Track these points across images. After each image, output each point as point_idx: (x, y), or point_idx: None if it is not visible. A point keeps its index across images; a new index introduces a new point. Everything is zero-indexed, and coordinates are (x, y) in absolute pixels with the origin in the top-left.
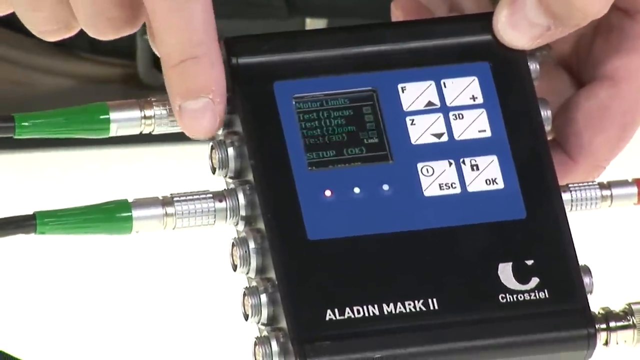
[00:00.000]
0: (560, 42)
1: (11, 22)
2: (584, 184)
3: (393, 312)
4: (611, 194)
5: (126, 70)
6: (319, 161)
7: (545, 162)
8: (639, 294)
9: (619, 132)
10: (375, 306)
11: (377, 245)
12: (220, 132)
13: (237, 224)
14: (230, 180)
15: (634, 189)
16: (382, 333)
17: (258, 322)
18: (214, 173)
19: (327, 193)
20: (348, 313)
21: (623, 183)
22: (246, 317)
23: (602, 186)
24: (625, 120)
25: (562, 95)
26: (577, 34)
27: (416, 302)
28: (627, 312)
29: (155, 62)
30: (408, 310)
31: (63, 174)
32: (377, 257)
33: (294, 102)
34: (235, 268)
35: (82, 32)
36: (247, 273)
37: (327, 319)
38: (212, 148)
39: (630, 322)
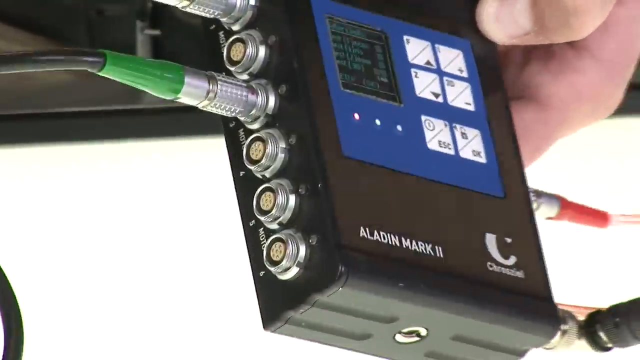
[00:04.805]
0: None
1: (13, 18)
2: None
3: (409, 248)
4: (537, 203)
5: None
6: (349, 84)
7: (515, 149)
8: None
9: (531, 153)
10: (396, 236)
11: (395, 181)
12: (238, 26)
13: (255, 120)
14: (246, 77)
15: (558, 204)
16: (402, 264)
17: (275, 220)
18: (230, 65)
19: (356, 116)
20: (376, 236)
21: (550, 196)
22: (263, 213)
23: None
24: (540, 145)
25: None
26: (506, 47)
27: (427, 244)
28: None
29: (155, 57)
30: (421, 250)
31: (67, 168)
32: (395, 192)
33: (327, 21)
34: (254, 162)
35: (82, 27)
36: (268, 170)
37: (360, 235)
38: (238, 40)
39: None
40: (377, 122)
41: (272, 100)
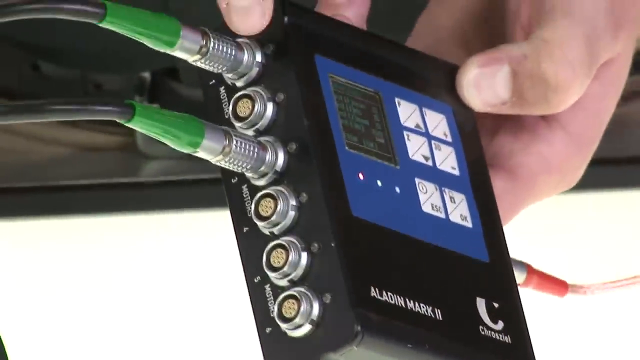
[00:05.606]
0: None
1: (12, 93)
2: None
3: (413, 309)
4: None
5: (124, 139)
6: (352, 144)
7: (496, 215)
8: None
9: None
10: (401, 298)
11: (397, 242)
12: (243, 82)
13: (263, 177)
14: (252, 133)
15: (525, 271)
16: (409, 325)
17: (285, 277)
18: (237, 121)
19: (361, 176)
20: (384, 296)
21: (517, 263)
22: (273, 270)
23: None
24: (508, 212)
25: None
26: (478, 114)
27: (428, 307)
28: None
29: None
30: (423, 312)
31: (66, 241)
32: (397, 253)
33: (330, 80)
34: (264, 219)
35: None
36: (277, 226)
37: (371, 294)
38: (245, 97)
39: None
40: (379, 182)
41: (280, 158)
